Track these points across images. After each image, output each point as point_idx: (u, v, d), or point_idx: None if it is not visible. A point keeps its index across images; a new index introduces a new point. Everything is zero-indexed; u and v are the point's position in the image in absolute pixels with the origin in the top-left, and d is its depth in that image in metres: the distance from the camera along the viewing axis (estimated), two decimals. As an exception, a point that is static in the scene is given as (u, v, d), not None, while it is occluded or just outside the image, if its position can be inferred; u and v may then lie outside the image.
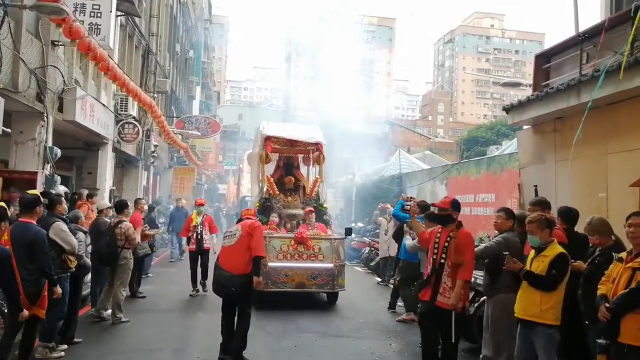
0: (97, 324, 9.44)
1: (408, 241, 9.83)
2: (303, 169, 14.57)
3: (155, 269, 16.13)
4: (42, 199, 6.98)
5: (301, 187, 13.77)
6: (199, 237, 13.11)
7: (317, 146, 13.13)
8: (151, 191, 26.44)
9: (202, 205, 13.99)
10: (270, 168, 13.76)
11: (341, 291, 11.68)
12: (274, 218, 12.41)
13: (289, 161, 14.21)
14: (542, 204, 7.20)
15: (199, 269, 12.96)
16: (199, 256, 13.02)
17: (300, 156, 14.32)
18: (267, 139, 12.90)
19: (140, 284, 12.49)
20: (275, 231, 11.98)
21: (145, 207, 13.83)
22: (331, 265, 11.24)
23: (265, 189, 13.03)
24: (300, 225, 12.40)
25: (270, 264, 10.88)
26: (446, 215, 6.92)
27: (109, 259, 9.57)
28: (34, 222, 6.60)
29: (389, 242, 13.75)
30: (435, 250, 6.84)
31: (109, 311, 9.93)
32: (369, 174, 31.00)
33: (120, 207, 10.42)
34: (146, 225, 11.84)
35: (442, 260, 6.71)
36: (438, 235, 6.92)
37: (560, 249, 5.93)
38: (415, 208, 7.61)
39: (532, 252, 6.18)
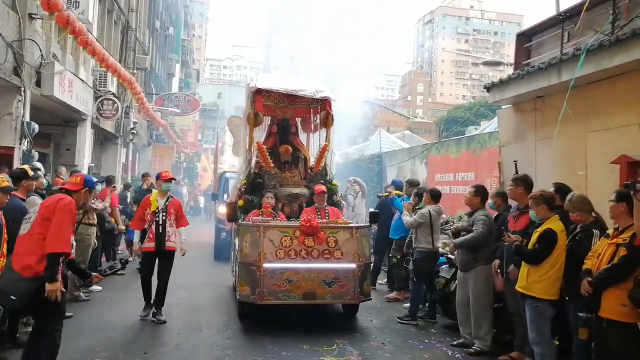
0: (75, 302, 9.33)
1: (406, 217, 9.31)
2: (301, 137, 11.40)
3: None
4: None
5: (301, 158, 10.65)
6: (160, 230, 8.66)
7: (325, 104, 10.12)
8: (130, 168, 26.30)
9: (170, 181, 9.21)
10: (259, 137, 10.60)
11: (367, 301, 8.87)
12: (269, 199, 9.32)
13: (285, 124, 11.03)
14: (521, 181, 7.21)
15: (154, 280, 8.82)
16: (156, 260, 8.81)
17: (298, 120, 11.27)
18: (258, 92, 9.80)
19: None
20: (272, 217, 9.06)
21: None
22: (353, 265, 8.24)
23: (254, 161, 9.97)
24: (305, 209, 9.63)
25: (265, 265, 7.96)
26: None
27: None
28: None
29: (357, 218, 13.34)
30: None
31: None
32: (349, 153, 30.94)
33: None
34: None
35: None
36: None
37: (549, 225, 5.97)
38: None
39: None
